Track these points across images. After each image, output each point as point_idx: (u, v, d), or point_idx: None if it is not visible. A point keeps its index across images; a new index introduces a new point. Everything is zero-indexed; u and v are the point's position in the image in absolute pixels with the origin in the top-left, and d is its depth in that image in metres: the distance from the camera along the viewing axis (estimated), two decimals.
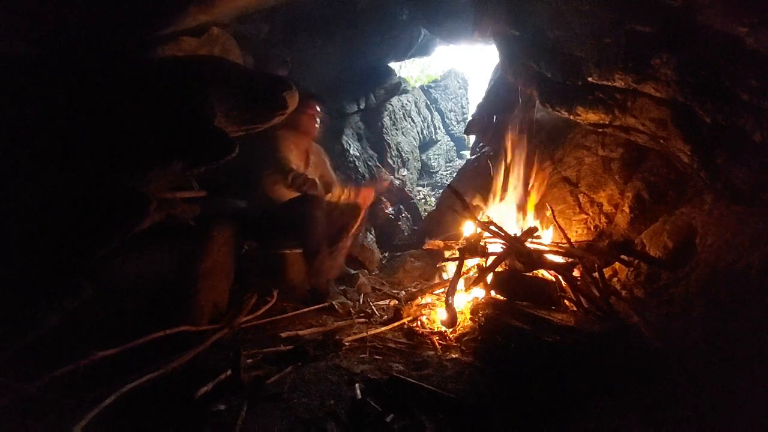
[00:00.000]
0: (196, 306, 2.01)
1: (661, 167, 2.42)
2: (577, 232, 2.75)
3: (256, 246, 2.91)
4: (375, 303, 2.75)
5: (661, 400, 1.37)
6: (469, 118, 4.99)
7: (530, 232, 2.38)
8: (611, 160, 2.72)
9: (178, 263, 2.04)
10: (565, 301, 2.15)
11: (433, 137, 7.02)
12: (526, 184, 3.05)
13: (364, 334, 2.04)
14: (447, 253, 3.02)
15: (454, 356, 1.84)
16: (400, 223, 4.69)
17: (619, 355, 1.61)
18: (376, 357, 1.83)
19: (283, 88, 2.26)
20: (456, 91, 7.95)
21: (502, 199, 3.12)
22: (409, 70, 7.47)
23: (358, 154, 5.18)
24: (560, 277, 2.20)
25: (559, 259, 2.35)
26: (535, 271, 2.28)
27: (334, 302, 2.58)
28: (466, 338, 1.99)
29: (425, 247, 3.29)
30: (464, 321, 2.13)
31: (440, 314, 2.24)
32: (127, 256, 1.83)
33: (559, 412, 1.39)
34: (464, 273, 2.49)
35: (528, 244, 2.36)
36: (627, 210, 2.53)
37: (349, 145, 5.13)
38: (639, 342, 1.71)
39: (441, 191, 5.75)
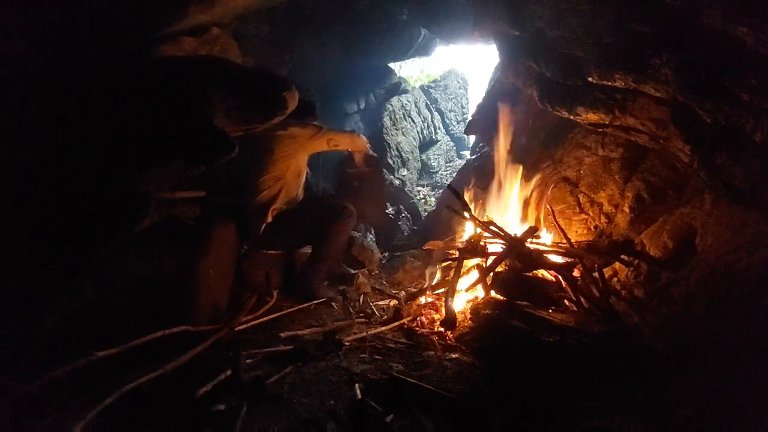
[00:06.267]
0: (196, 306, 2.01)
1: (661, 167, 2.42)
2: (577, 232, 2.75)
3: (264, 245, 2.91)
4: (375, 303, 2.75)
5: (661, 400, 1.37)
6: (469, 118, 5.00)
7: (530, 232, 2.38)
8: (611, 160, 2.72)
9: (178, 263, 2.04)
10: (565, 301, 2.15)
11: (433, 137, 7.02)
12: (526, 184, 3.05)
13: (364, 334, 2.04)
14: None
15: (454, 356, 1.84)
16: (400, 223, 4.69)
17: (619, 355, 1.61)
18: (376, 357, 1.83)
19: (283, 87, 2.25)
20: (456, 91, 7.95)
21: (501, 199, 3.12)
22: (409, 70, 7.48)
23: None
24: (560, 277, 2.20)
25: (559, 259, 2.35)
26: (535, 271, 2.28)
27: (327, 297, 2.62)
28: (466, 338, 1.99)
29: (425, 247, 3.28)
30: (464, 321, 2.13)
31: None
32: (127, 256, 1.83)
33: (559, 412, 1.39)
34: (464, 273, 2.49)
35: (528, 244, 2.36)
36: (627, 210, 2.53)
37: None
38: (639, 342, 1.72)
39: (441, 191, 5.75)
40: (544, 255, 2.30)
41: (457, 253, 2.51)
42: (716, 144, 1.80)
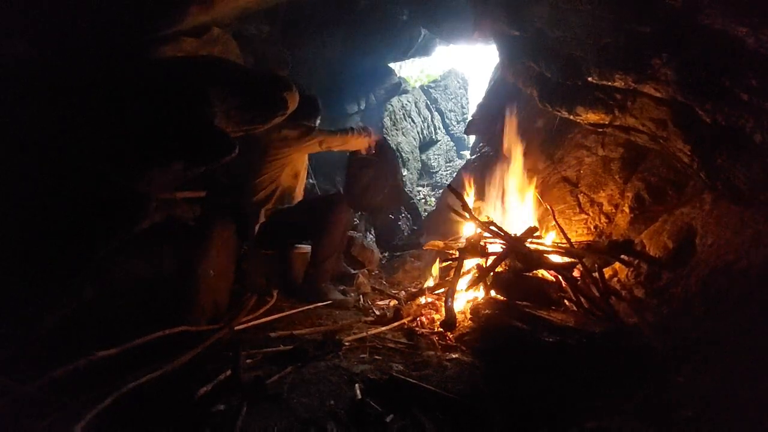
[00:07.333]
0: (196, 306, 2.01)
1: (661, 167, 2.42)
2: (577, 232, 2.75)
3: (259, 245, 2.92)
4: (375, 303, 2.76)
5: (661, 401, 1.37)
6: (469, 118, 5.00)
7: (530, 232, 2.38)
8: (611, 160, 2.72)
9: (178, 263, 2.04)
10: (565, 301, 2.15)
11: (433, 137, 7.03)
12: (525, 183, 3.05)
13: (364, 334, 2.04)
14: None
15: (454, 356, 1.84)
16: (400, 223, 4.69)
17: (619, 355, 1.61)
18: (376, 357, 1.83)
19: (283, 88, 2.26)
20: (456, 91, 7.95)
21: (501, 198, 3.12)
22: (409, 70, 7.49)
23: None
24: (560, 277, 2.20)
25: (559, 259, 2.35)
26: (535, 271, 2.28)
27: (333, 299, 2.61)
28: (466, 338, 1.99)
29: (425, 247, 3.29)
30: (464, 321, 2.13)
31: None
32: (127, 256, 1.83)
33: (559, 412, 1.39)
34: (464, 273, 2.49)
35: (528, 244, 2.36)
36: (627, 210, 2.53)
37: None
38: (639, 342, 1.71)
39: (441, 191, 5.76)
40: (544, 255, 2.30)
41: (457, 253, 2.51)
42: (716, 144, 1.80)
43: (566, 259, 2.34)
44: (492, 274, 2.28)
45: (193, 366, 1.60)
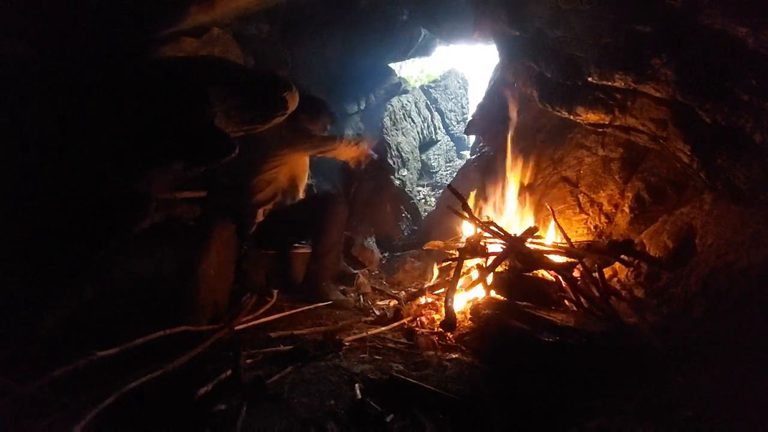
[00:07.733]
0: (196, 306, 2.01)
1: (661, 167, 2.42)
2: (577, 232, 2.75)
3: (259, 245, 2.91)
4: (375, 303, 2.76)
5: (661, 401, 1.37)
6: (469, 118, 4.99)
7: (530, 232, 2.38)
8: (611, 160, 2.72)
9: (178, 263, 2.04)
10: (565, 301, 2.15)
11: (433, 137, 7.02)
12: (527, 183, 3.05)
13: (364, 334, 2.04)
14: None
15: (454, 356, 1.84)
16: (400, 223, 4.69)
17: (619, 355, 1.61)
18: (376, 357, 1.83)
19: (283, 88, 2.25)
20: (456, 91, 7.94)
21: (502, 199, 3.12)
22: (409, 70, 7.47)
23: None
24: (560, 277, 2.20)
25: (559, 259, 2.35)
26: (535, 271, 2.28)
27: (334, 299, 2.61)
28: (466, 338, 1.99)
29: (425, 247, 3.29)
30: (464, 321, 2.12)
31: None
32: (127, 256, 1.83)
33: (559, 412, 1.39)
34: (464, 273, 2.49)
35: (528, 244, 2.36)
36: (627, 210, 2.53)
37: None
38: (639, 342, 1.71)
39: (441, 191, 5.76)
40: (544, 255, 2.30)
41: (457, 253, 2.51)
42: (716, 144, 1.80)
43: (566, 259, 2.34)
44: (492, 274, 2.28)
45: (193, 366, 1.60)
